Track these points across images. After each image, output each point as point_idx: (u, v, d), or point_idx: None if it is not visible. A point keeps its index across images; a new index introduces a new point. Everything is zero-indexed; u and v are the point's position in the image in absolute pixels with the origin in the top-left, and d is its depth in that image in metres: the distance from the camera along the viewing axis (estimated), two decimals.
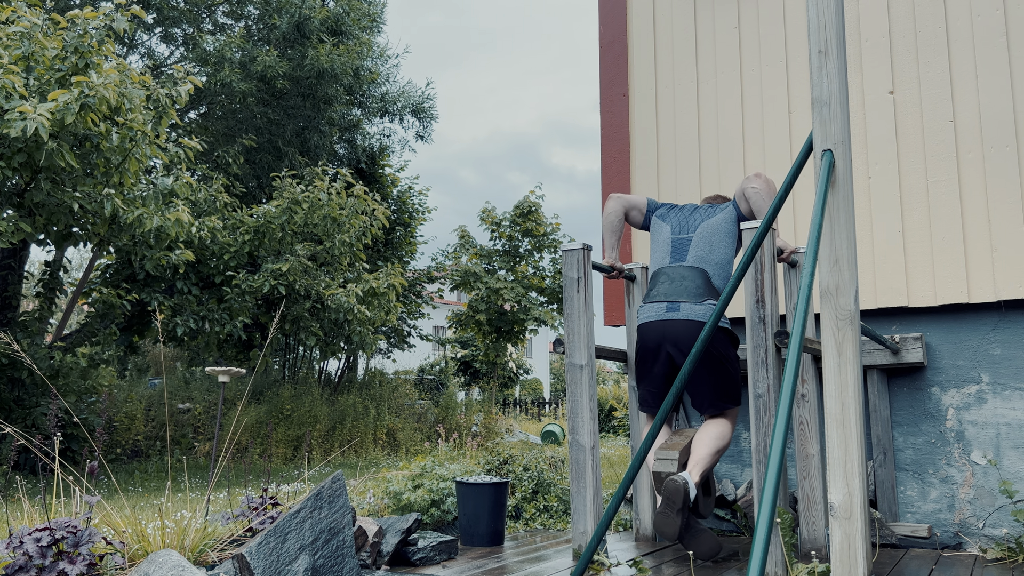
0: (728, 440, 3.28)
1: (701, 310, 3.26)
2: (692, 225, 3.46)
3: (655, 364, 3.37)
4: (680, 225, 3.48)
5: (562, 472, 5.26)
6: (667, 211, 3.59)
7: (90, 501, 2.67)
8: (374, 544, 3.13)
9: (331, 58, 11.32)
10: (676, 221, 3.51)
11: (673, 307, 3.30)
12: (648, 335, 3.36)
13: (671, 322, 3.28)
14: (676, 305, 3.29)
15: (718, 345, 3.27)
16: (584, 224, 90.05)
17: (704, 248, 3.38)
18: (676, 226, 3.49)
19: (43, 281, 8.30)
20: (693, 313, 3.26)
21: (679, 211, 3.56)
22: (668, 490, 3.06)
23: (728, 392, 3.32)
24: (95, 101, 6.12)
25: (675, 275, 3.36)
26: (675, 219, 3.52)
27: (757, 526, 1.57)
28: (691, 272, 3.34)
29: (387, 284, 10.50)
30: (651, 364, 3.39)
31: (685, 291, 3.30)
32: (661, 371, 3.37)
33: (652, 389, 3.45)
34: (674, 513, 3.03)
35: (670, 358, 3.32)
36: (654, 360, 3.37)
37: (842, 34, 2.17)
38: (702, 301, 3.27)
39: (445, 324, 16.80)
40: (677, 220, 3.51)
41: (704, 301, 3.27)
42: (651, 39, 4.76)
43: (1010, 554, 3.46)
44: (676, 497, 3.03)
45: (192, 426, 10.64)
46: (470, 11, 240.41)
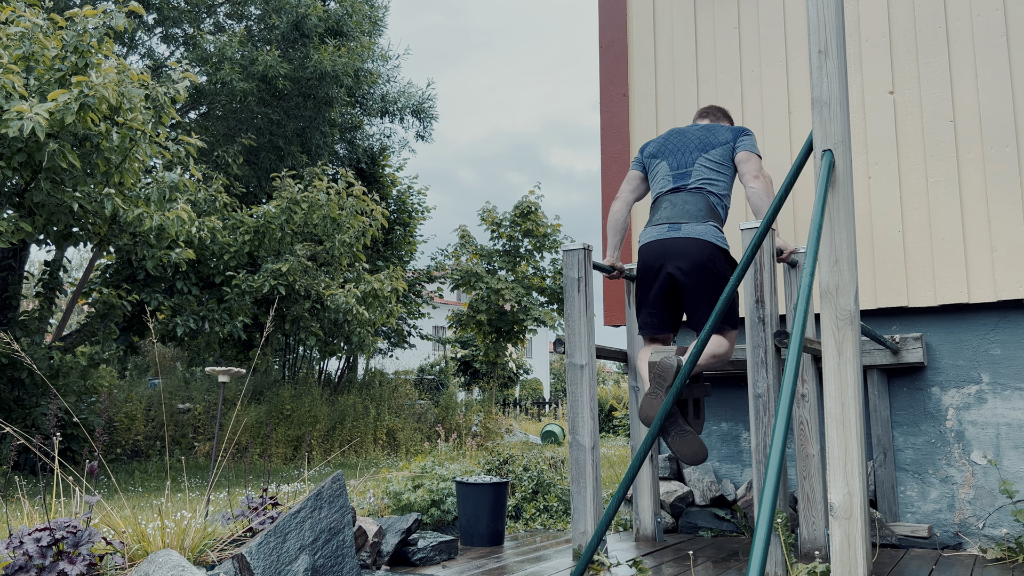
0: (725, 350, 3.24)
1: (702, 228, 3.25)
2: (690, 160, 3.44)
3: (655, 283, 3.33)
4: (678, 161, 3.47)
5: (562, 472, 5.27)
6: (659, 147, 3.56)
7: (90, 501, 2.67)
8: (374, 544, 3.13)
9: (333, 60, 11.32)
10: (673, 158, 3.49)
11: (675, 227, 3.29)
12: (649, 254, 3.34)
13: (672, 239, 3.27)
14: (677, 226, 3.29)
15: (717, 264, 3.24)
16: (584, 224, 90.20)
17: (703, 179, 3.38)
18: (674, 161, 3.48)
19: (43, 281, 8.30)
20: (694, 231, 3.24)
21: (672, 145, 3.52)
22: (659, 367, 2.99)
23: (727, 312, 3.29)
24: (95, 101, 6.12)
25: (677, 200, 3.36)
26: (672, 156, 3.49)
27: (757, 526, 1.57)
28: (693, 196, 3.34)
29: (390, 287, 10.50)
30: (651, 283, 3.35)
31: (687, 213, 3.30)
32: (661, 289, 3.32)
33: (652, 310, 3.40)
34: (663, 392, 2.97)
35: (670, 277, 3.28)
36: (654, 279, 3.33)
37: (842, 34, 2.17)
38: (704, 221, 3.27)
39: (445, 324, 16.81)
40: (674, 157, 3.48)
41: (706, 222, 3.27)
42: (651, 39, 4.76)
43: (1010, 554, 3.46)
44: (667, 373, 2.97)
45: (192, 426, 10.64)
46: (469, 11, 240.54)
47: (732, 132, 3.46)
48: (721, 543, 3.78)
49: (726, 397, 4.43)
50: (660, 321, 3.38)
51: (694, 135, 3.50)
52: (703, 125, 3.55)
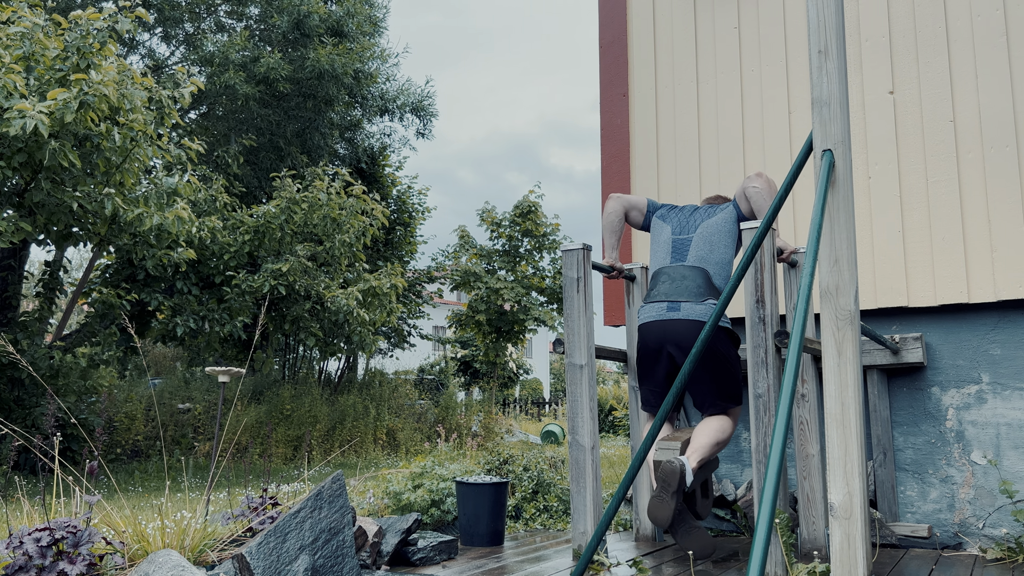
0: (728, 435, 3.27)
1: (702, 310, 3.26)
2: (692, 225, 3.45)
3: (656, 364, 3.38)
4: (680, 225, 3.48)
5: (562, 472, 5.27)
6: (667, 211, 3.60)
7: (90, 501, 2.67)
8: (374, 544, 3.13)
9: (332, 59, 11.32)
10: (676, 221, 3.51)
11: (674, 307, 3.30)
12: (649, 335, 3.36)
13: (672, 322, 3.28)
14: (677, 305, 3.29)
15: (719, 344, 3.27)
16: (583, 224, 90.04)
17: (704, 248, 3.38)
18: (676, 226, 3.49)
19: (43, 281, 8.30)
20: (694, 313, 3.26)
21: (679, 212, 3.56)
22: (664, 471, 3.02)
23: (729, 391, 3.32)
24: (94, 99, 6.12)
25: (676, 275, 3.36)
26: (675, 219, 3.52)
27: (757, 526, 1.57)
28: (692, 272, 3.34)
29: (389, 284, 10.50)
30: (652, 364, 3.39)
31: (686, 291, 3.30)
32: (663, 371, 3.37)
33: (654, 389, 3.45)
34: (668, 496, 2.99)
35: (671, 358, 3.32)
36: (655, 360, 3.37)
37: (842, 34, 2.17)
38: (703, 300, 3.27)
39: (445, 324, 16.80)
40: (677, 220, 3.51)
41: (704, 300, 3.27)
42: (651, 39, 4.76)
43: (1010, 554, 3.46)
44: (671, 479, 3.00)
45: (192, 426, 10.64)
46: (468, 11, 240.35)
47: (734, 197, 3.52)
48: (721, 543, 3.78)
49: None
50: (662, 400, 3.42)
51: (698, 208, 3.56)
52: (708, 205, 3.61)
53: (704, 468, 3.37)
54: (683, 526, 3.11)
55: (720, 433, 3.23)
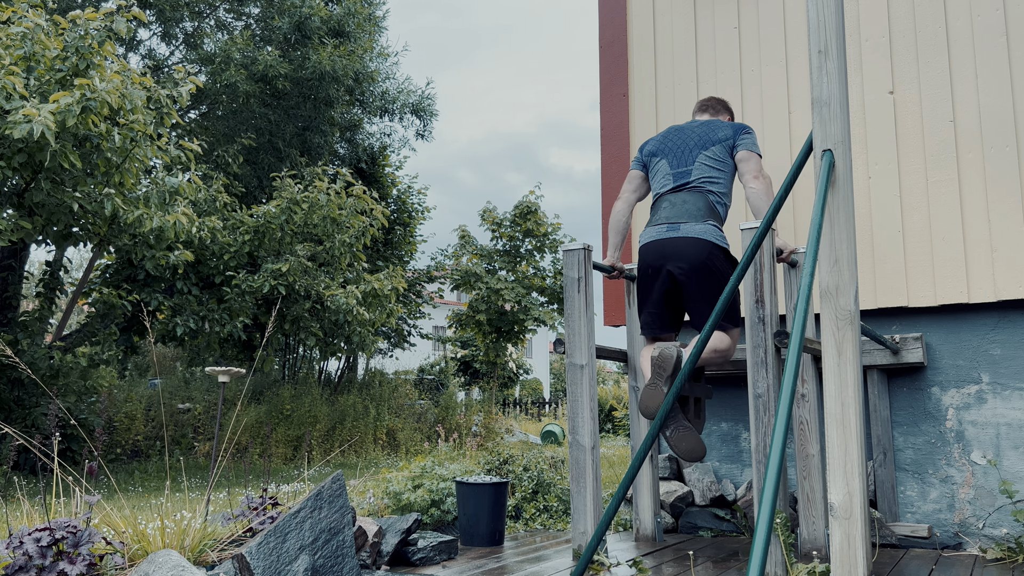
0: (727, 347, 3.25)
1: (702, 228, 3.25)
2: (690, 158, 3.44)
3: (655, 282, 3.34)
4: (678, 158, 3.46)
5: (562, 472, 5.26)
6: (660, 144, 3.55)
7: (90, 501, 2.68)
8: (374, 544, 3.13)
9: (333, 60, 11.32)
10: (673, 155, 3.48)
11: (674, 227, 3.30)
12: (649, 254, 3.35)
13: (671, 239, 3.28)
14: (677, 225, 3.30)
15: (717, 263, 3.24)
16: (582, 224, 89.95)
17: (704, 177, 3.38)
18: (674, 160, 3.47)
19: (43, 281, 8.31)
20: (693, 231, 3.25)
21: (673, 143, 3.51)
22: (660, 357, 2.99)
23: (728, 310, 3.29)
24: (96, 104, 6.13)
25: (677, 200, 3.37)
26: (671, 153, 3.49)
27: (757, 526, 1.57)
28: (692, 195, 3.35)
29: (391, 286, 10.50)
30: (651, 283, 3.36)
31: (686, 213, 3.31)
32: (662, 289, 3.33)
33: (653, 311, 3.40)
34: (662, 382, 2.96)
35: (670, 276, 3.29)
36: (655, 278, 3.34)
37: (842, 34, 2.17)
38: (704, 221, 3.27)
39: (445, 324, 16.80)
40: (674, 154, 3.48)
41: (706, 221, 3.27)
42: (651, 39, 4.76)
43: (1010, 554, 3.46)
44: (667, 363, 2.97)
45: (192, 426, 10.64)
46: (467, 12, 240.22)
47: (732, 129, 3.45)
48: (721, 543, 3.78)
49: (726, 397, 4.43)
50: (662, 321, 3.38)
51: (693, 132, 3.50)
52: (702, 121, 3.53)
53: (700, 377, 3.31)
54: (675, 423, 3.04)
55: (718, 342, 3.22)
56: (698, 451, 3.01)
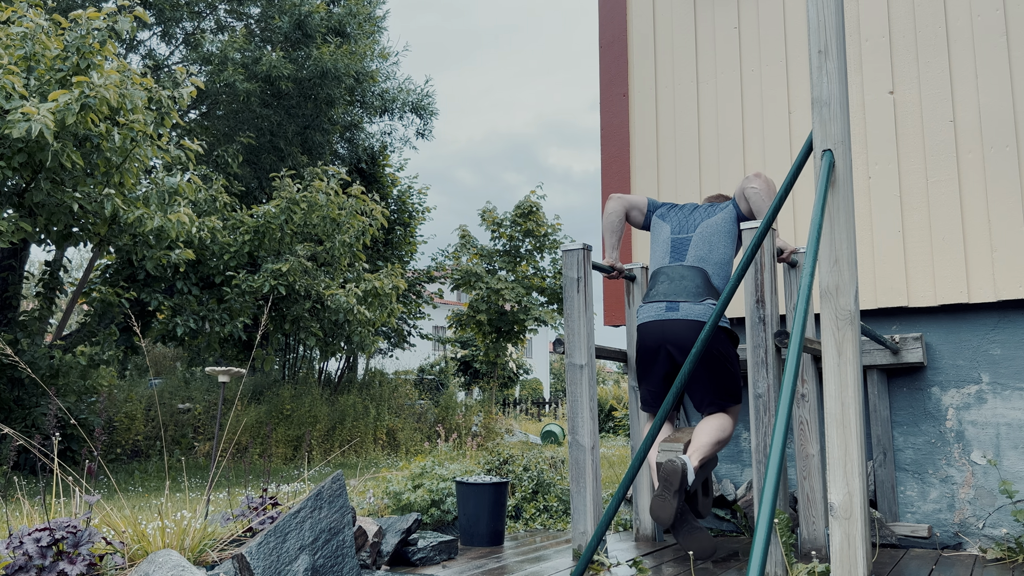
0: (729, 434, 3.28)
1: (700, 310, 3.26)
2: (692, 225, 3.45)
3: (655, 364, 3.38)
4: (680, 225, 3.48)
5: (562, 472, 5.26)
6: (667, 211, 3.60)
7: (89, 501, 2.67)
8: (374, 544, 3.13)
9: (334, 58, 11.32)
10: (676, 221, 3.51)
11: (672, 307, 3.30)
12: (648, 335, 3.37)
13: (670, 322, 3.29)
14: (676, 305, 3.29)
15: (718, 344, 3.27)
16: (582, 224, 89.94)
17: (704, 248, 3.38)
18: (676, 225, 3.49)
19: (43, 281, 8.31)
20: (692, 313, 3.26)
21: (679, 211, 3.56)
22: (666, 471, 3.02)
23: (729, 391, 3.32)
24: (95, 102, 6.12)
25: (675, 275, 3.36)
26: (675, 219, 3.52)
27: (757, 526, 1.57)
28: (690, 272, 3.34)
29: (391, 285, 10.50)
30: (651, 364, 3.40)
31: (684, 291, 3.30)
32: (661, 371, 3.37)
33: (653, 389, 3.45)
34: (671, 495, 2.99)
35: (670, 357, 3.32)
36: (654, 360, 3.37)
37: (842, 34, 2.17)
38: (701, 300, 3.27)
39: (445, 324, 16.80)
40: (677, 220, 3.51)
41: (703, 301, 3.28)
42: (651, 39, 4.76)
43: (1010, 554, 3.46)
44: (673, 478, 3.00)
45: (192, 426, 10.64)
46: (466, 12, 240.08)
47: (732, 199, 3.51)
48: (721, 543, 3.78)
49: None
50: (662, 400, 3.42)
51: (699, 207, 3.56)
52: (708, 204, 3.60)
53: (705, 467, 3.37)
54: (685, 526, 3.11)
55: (720, 432, 3.23)
56: (709, 550, 3.08)
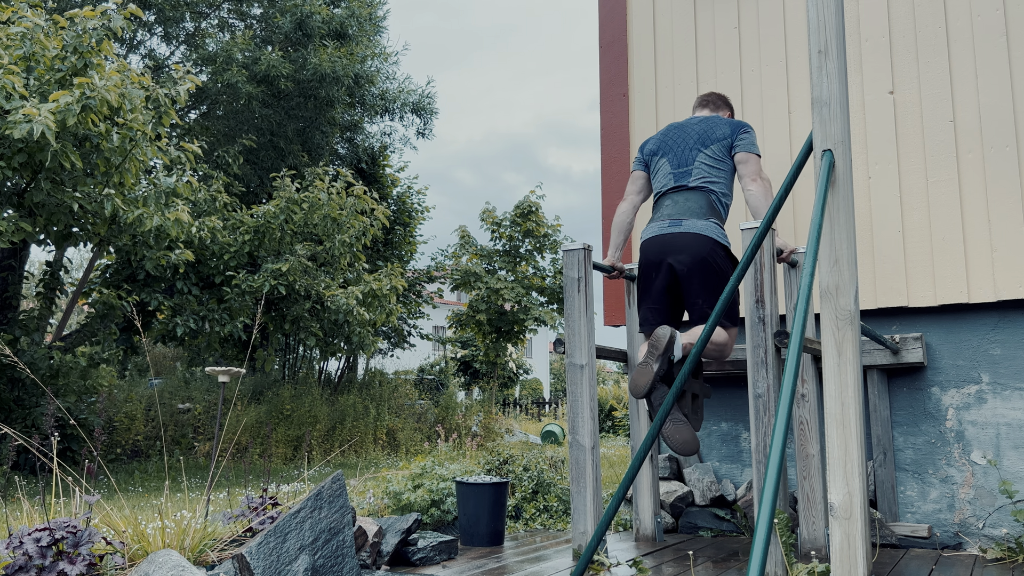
0: (724, 342, 3.26)
1: (704, 224, 3.27)
2: (690, 157, 3.44)
3: (656, 276, 3.34)
4: (679, 159, 3.46)
5: (562, 472, 5.26)
6: (659, 144, 3.56)
7: (89, 501, 2.67)
8: (374, 544, 3.13)
9: (333, 61, 11.32)
10: (674, 156, 3.48)
11: (676, 223, 3.31)
12: (650, 250, 3.36)
13: (673, 234, 3.29)
14: (679, 221, 3.31)
15: (717, 259, 3.25)
16: (581, 225, 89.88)
17: (705, 176, 3.38)
18: (675, 160, 3.48)
19: (43, 281, 8.31)
20: (696, 227, 3.27)
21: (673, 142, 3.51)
22: (654, 338, 3.00)
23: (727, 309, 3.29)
24: (96, 103, 6.12)
25: (679, 198, 3.38)
26: (672, 154, 3.49)
27: (757, 526, 1.57)
28: (694, 194, 3.36)
29: (389, 286, 10.50)
30: (652, 277, 3.36)
31: (689, 210, 3.32)
32: (663, 284, 3.33)
33: (652, 306, 3.40)
34: (653, 360, 2.95)
35: (671, 269, 3.29)
36: (656, 272, 3.34)
37: (842, 34, 2.17)
38: (706, 218, 3.29)
39: (445, 324, 16.80)
40: (674, 154, 3.48)
41: (708, 219, 3.29)
42: (651, 39, 4.76)
43: (1010, 554, 3.46)
44: (660, 342, 2.97)
45: (192, 426, 10.64)
46: (464, 12, 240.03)
47: (730, 127, 3.44)
48: (721, 543, 3.78)
49: (726, 397, 4.43)
50: (661, 316, 3.38)
51: (693, 130, 3.49)
52: (702, 118, 3.53)
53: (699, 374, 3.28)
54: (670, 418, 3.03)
55: (716, 335, 3.23)
56: (692, 444, 3.01)
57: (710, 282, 3.24)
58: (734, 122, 3.46)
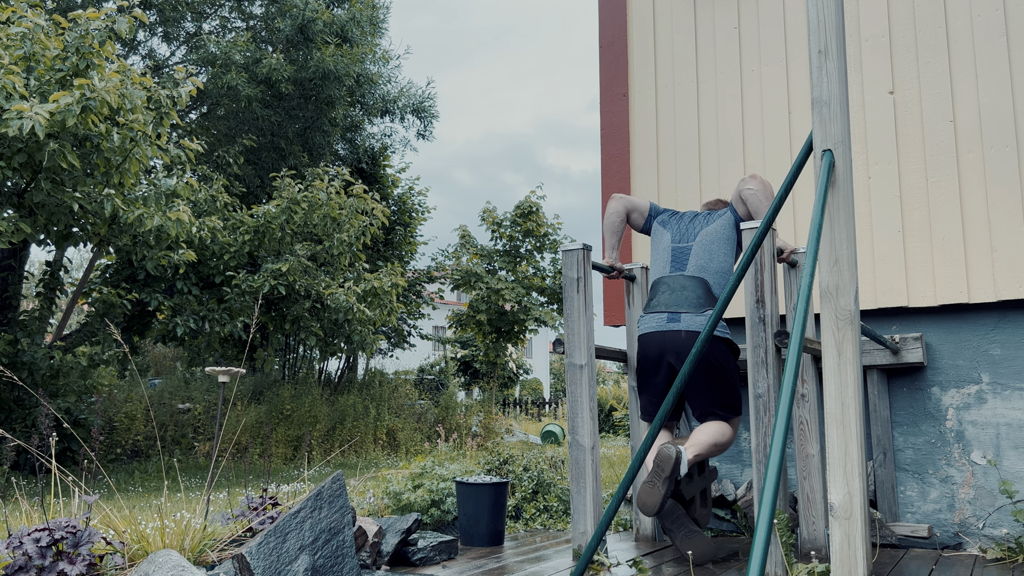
0: (727, 439, 3.28)
1: (701, 321, 3.27)
2: (692, 233, 3.45)
3: (656, 375, 3.38)
4: (680, 233, 3.48)
5: (562, 472, 5.26)
6: (668, 218, 3.59)
7: (88, 501, 2.67)
8: (374, 544, 3.13)
9: (335, 60, 11.32)
10: (676, 229, 3.50)
11: (674, 318, 3.31)
12: (649, 346, 3.38)
13: (672, 333, 3.30)
14: (677, 316, 3.30)
15: (717, 355, 3.28)
16: (580, 225, 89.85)
17: (704, 257, 3.38)
18: (676, 234, 3.48)
19: (43, 281, 8.31)
20: (694, 324, 3.27)
21: (679, 219, 3.56)
22: (659, 456, 3.00)
23: (728, 401, 3.32)
24: (96, 104, 6.12)
25: (675, 285, 3.37)
26: (675, 227, 3.52)
27: (757, 526, 1.57)
28: (691, 282, 3.35)
29: (390, 283, 10.50)
30: (652, 374, 3.40)
31: (686, 301, 3.31)
32: (662, 381, 3.38)
33: (654, 399, 3.45)
34: (660, 481, 2.96)
35: (671, 368, 3.33)
36: (655, 371, 3.38)
37: (842, 34, 2.17)
38: (702, 312, 3.29)
39: (445, 324, 16.80)
40: (677, 228, 3.51)
41: (704, 312, 3.29)
42: (651, 39, 4.76)
43: (1010, 554, 3.46)
44: (665, 464, 2.97)
45: (192, 426, 10.64)
46: (463, 13, 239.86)
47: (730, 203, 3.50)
48: (721, 543, 3.78)
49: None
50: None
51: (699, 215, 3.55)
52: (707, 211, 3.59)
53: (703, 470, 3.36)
54: (682, 529, 3.11)
55: (719, 435, 3.23)
56: (708, 554, 3.07)
57: (711, 380, 3.28)
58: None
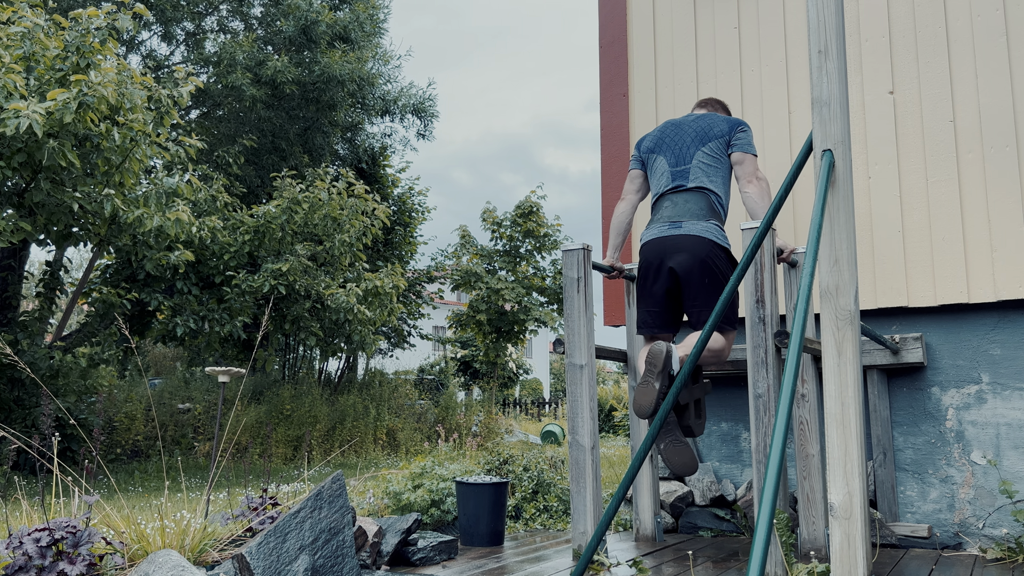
0: (721, 348, 3.23)
1: (704, 226, 3.25)
2: (688, 155, 3.42)
3: (656, 280, 3.32)
4: (677, 157, 3.44)
5: (562, 472, 5.26)
6: (657, 142, 3.54)
7: (89, 501, 2.67)
8: (374, 544, 3.13)
9: (341, 65, 11.33)
10: (671, 153, 3.46)
11: (676, 225, 3.29)
12: (650, 251, 3.34)
13: (673, 236, 3.27)
14: (679, 223, 3.29)
15: (718, 261, 3.23)
16: (579, 225, 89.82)
17: (703, 176, 3.36)
18: (672, 158, 3.45)
19: (43, 281, 8.30)
20: (696, 229, 3.24)
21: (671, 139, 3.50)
22: (651, 353, 2.96)
23: (727, 312, 3.27)
24: (94, 100, 6.12)
25: (678, 199, 3.35)
26: (670, 151, 3.47)
27: (757, 526, 1.57)
28: (693, 196, 3.33)
29: (391, 284, 10.50)
30: (652, 280, 3.34)
31: (688, 212, 3.30)
32: (662, 287, 3.31)
33: (652, 308, 3.38)
34: (653, 378, 2.92)
35: (671, 272, 3.27)
36: (656, 276, 3.32)
37: (842, 34, 2.17)
38: (706, 220, 3.27)
39: (445, 324, 16.80)
40: (672, 152, 3.46)
41: (708, 220, 3.27)
42: (651, 39, 4.76)
43: (1010, 554, 3.46)
44: (657, 359, 2.93)
45: (192, 426, 10.64)
46: (462, 14, 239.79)
47: (728, 124, 3.41)
48: (721, 543, 3.78)
49: (726, 397, 4.43)
50: (660, 319, 3.36)
51: (690, 127, 3.47)
52: (699, 115, 3.50)
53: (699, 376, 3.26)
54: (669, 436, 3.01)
55: (713, 341, 3.20)
56: (691, 466, 2.99)
57: (709, 285, 3.23)
58: (732, 119, 3.43)
